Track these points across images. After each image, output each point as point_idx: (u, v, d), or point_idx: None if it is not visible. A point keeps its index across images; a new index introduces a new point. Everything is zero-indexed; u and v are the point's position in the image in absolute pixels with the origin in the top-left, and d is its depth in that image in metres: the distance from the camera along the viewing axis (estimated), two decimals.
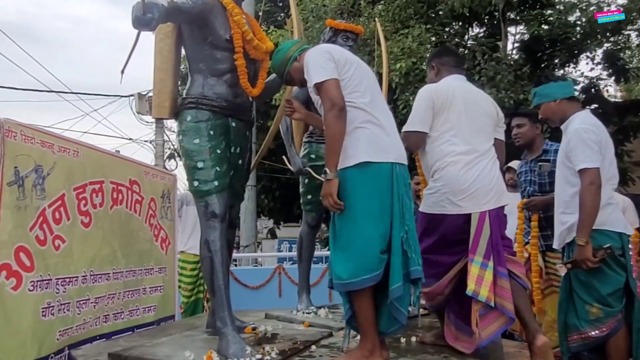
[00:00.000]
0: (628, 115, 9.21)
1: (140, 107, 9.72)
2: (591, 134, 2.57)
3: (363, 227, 2.11)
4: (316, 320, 3.07)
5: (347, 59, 2.26)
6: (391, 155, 2.17)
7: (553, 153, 3.08)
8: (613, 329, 2.53)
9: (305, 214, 3.52)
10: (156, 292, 3.69)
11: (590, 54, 8.76)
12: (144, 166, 3.80)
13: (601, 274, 2.54)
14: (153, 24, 2.02)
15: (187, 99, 2.55)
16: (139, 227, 3.52)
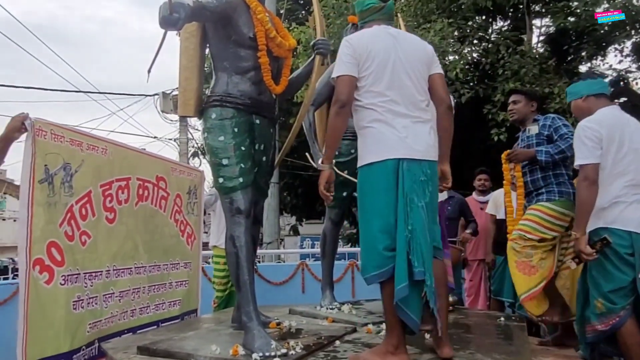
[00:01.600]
0: None
1: (164, 105, 9.86)
2: (587, 131, 2.60)
3: (368, 225, 2.16)
4: (340, 316, 3.08)
5: (370, 53, 2.21)
6: (399, 151, 2.13)
7: (543, 119, 3.25)
8: (614, 325, 2.55)
9: (328, 210, 3.53)
10: (181, 287, 3.75)
11: (618, 46, 8.54)
12: (171, 163, 3.87)
13: (605, 271, 2.58)
14: (180, 23, 2.06)
15: (212, 97, 2.58)
16: (164, 222, 3.59)
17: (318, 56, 2.91)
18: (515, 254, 3.07)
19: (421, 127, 2.21)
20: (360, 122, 2.23)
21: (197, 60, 2.66)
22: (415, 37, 2.43)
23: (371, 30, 2.31)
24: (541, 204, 3.10)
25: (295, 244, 15.01)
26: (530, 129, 3.28)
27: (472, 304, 4.82)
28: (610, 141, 2.60)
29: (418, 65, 2.27)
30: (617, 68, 8.61)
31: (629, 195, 2.59)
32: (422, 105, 2.25)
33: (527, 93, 3.47)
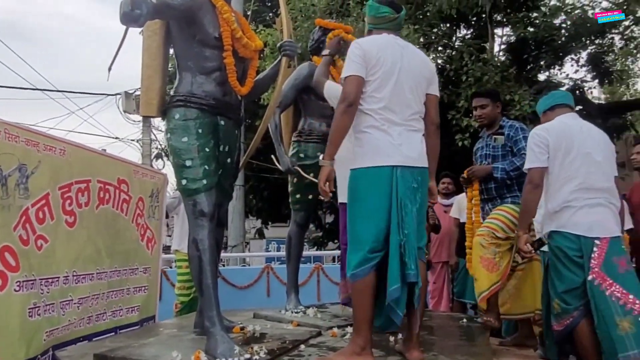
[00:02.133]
0: (611, 117, 9.34)
1: (127, 105, 9.62)
2: (535, 138, 2.77)
3: (355, 226, 2.25)
4: (305, 320, 3.06)
5: (379, 59, 2.27)
6: (393, 158, 2.21)
7: (508, 128, 3.26)
8: (568, 325, 2.64)
9: (294, 213, 3.52)
10: (140, 292, 3.65)
11: (575, 57, 8.87)
12: (133, 165, 3.76)
13: (559, 272, 2.69)
14: (141, 20, 2.00)
15: (176, 97, 2.53)
16: (125, 226, 3.48)
17: (285, 58, 2.89)
18: (481, 248, 3.07)
19: (414, 136, 2.31)
20: (357, 126, 2.30)
21: (160, 59, 2.60)
22: (421, 53, 2.53)
23: (381, 37, 2.37)
24: (508, 205, 3.17)
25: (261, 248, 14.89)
26: (497, 138, 3.29)
27: (435, 306, 4.88)
28: (558, 147, 2.71)
29: (420, 80, 2.36)
30: (574, 77, 8.95)
31: (580, 199, 2.67)
32: (416, 116, 2.35)
33: (492, 95, 3.45)
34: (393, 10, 2.40)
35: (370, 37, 2.41)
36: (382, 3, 2.42)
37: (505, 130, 3.29)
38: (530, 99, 6.80)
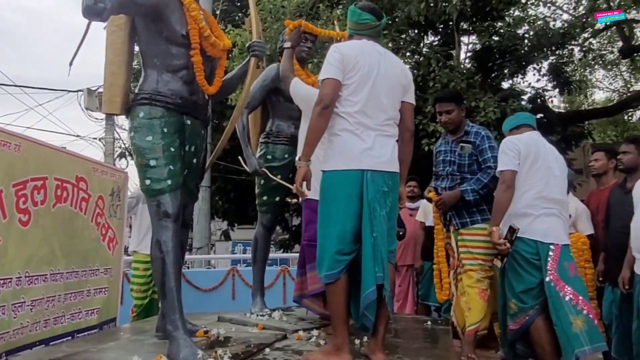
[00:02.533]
0: (570, 125, 9.67)
1: (89, 103, 9.33)
2: (508, 144, 2.93)
3: (325, 228, 2.28)
4: (270, 323, 3.03)
5: (356, 64, 2.30)
6: (364, 162, 2.25)
7: (474, 135, 3.16)
8: (525, 323, 2.81)
9: (260, 215, 3.48)
10: (100, 294, 3.54)
11: (537, 66, 9.14)
12: (92, 162, 3.64)
13: (517, 273, 2.86)
14: (105, 14, 1.94)
15: (140, 95, 2.47)
16: (84, 226, 3.37)
17: (253, 58, 2.87)
18: (477, 282, 3.02)
19: (387, 141, 2.35)
20: (331, 128, 2.33)
21: (125, 55, 2.53)
22: (399, 60, 2.58)
23: (361, 43, 2.40)
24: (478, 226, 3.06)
25: (227, 250, 14.74)
26: (464, 147, 3.20)
27: (400, 309, 4.91)
28: (527, 155, 2.89)
29: (396, 86, 2.41)
30: (535, 86, 9.22)
31: (538, 208, 2.86)
32: (390, 122, 2.39)
33: (456, 98, 3.34)
34: (375, 18, 2.44)
35: (350, 42, 2.45)
36: (364, 10, 2.45)
37: (472, 137, 3.19)
38: (494, 106, 6.95)
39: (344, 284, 2.23)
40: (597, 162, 3.77)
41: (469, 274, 3.03)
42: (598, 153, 3.81)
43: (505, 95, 7.79)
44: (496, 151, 3.03)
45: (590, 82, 12.90)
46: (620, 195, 3.36)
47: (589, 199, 3.95)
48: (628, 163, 3.33)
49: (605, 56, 11.28)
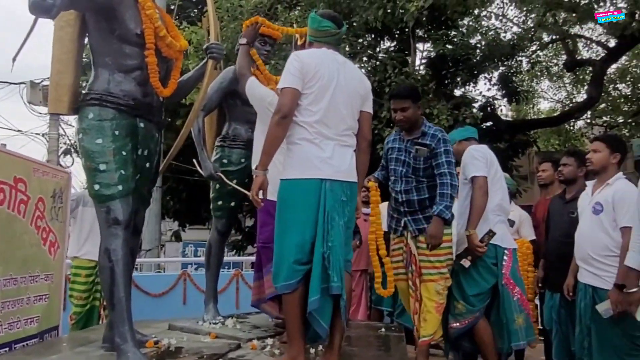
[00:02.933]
0: (518, 134, 10.07)
1: (32, 96, 8.85)
2: (478, 152, 3.14)
3: (282, 237, 2.26)
4: (223, 331, 2.96)
5: (316, 73, 2.28)
6: (323, 171, 2.24)
7: (430, 138, 3.08)
8: (470, 323, 3.08)
9: (215, 220, 3.40)
10: (40, 302, 3.34)
11: (488, 75, 9.46)
12: (33, 162, 3.44)
13: (471, 278, 3.07)
14: (54, 11, 1.83)
15: (90, 95, 2.35)
16: (23, 230, 3.17)
17: (211, 60, 2.79)
18: (436, 295, 3.05)
19: (346, 150, 2.35)
20: (290, 137, 2.31)
21: (74, 53, 2.40)
22: (358, 70, 2.59)
23: (320, 52, 2.39)
24: None
25: (177, 251, 14.37)
26: (420, 150, 3.15)
27: (353, 314, 4.94)
28: (491, 165, 3.14)
29: (355, 96, 2.41)
30: (486, 95, 9.53)
31: (495, 215, 3.13)
32: (349, 132, 2.39)
33: (413, 95, 3.20)
34: (335, 25, 2.44)
35: (310, 50, 2.43)
36: (324, 17, 2.45)
37: (428, 139, 3.11)
38: (447, 113, 7.13)
39: (300, 294, 2.21)
40: (545, 173, 3.94)
41: (428, 285, 3.07)
42: (545, 164, 3.98)
43: (457, 103, 8.00)
44: (451, 155, 3.05)
45: (536, 92, 13.47)
46: (560, 205, 3.54)
47: (536, 207, 4.12)
48: (568, 175, 3.51)
49: (550, 68, 11.82)
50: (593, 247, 2.82)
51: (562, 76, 12.38)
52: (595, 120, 12.02)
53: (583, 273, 2.90)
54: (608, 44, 9.85)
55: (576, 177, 3.47)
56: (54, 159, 9.04)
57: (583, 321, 2.85)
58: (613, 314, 2.60)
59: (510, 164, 9.48)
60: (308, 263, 2.21)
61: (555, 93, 13.76)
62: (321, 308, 2.18)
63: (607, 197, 2.79)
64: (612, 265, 2.71)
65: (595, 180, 2.97)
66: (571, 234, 3.18)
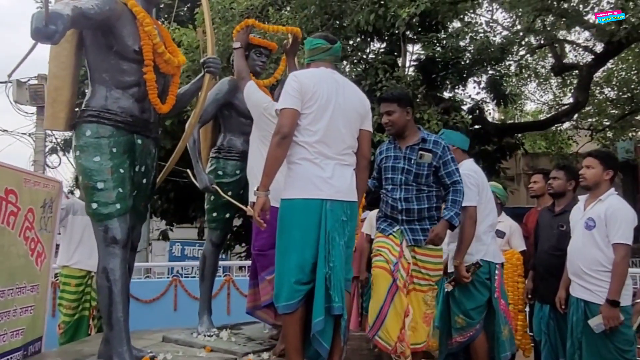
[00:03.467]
0: (505, 136, 10.17)
1: (19, 95, 8.68)
2: (471, 178, 3.12)
3: (283, 257, 2.29)
4: (218, 345, 2.96)
5: (314, 94, 2.31)
6: (324, 192, 2.27)
7: (433, 144, 2.97)
8: (472, 336, 3.13)
9: (209, 231, 3.39)
10: (26, 313, 3.29)
11: (477, 79, 9.53)
12: (24, 173, 3.38)
13: (468, 292, 3.13)
14: (56, 37, 1.80)
15: (87, 112, 2.33)
16: (11, 241, 3.11)
17: (208, 75, 2.78)
18: (424, 305, 2.98)
19: (346, 170, 2.37)
20: (290, 157, 2.33)
21: (71, 69, 2.38)
22: (357, 89, 2.58)
23: (318, 71, 2.40)
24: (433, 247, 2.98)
25: (164, 249, 14.29)
26: (424, 155, 3.00)
27: None
28: (482, 188, 3.18)
29: (354, 115, 2.42)
30: (475, 98, 9.60)
31: (488, 235, 3.23)
32: (349, 151, 2.41)
33: (400, 99, 3.05)
34: (326, 41, 2.48)
35: (308, 70, 2.45)
36: (316, 37, 2.52)
37: (430, 145, 3.00)
38: (437, 118, 7.17)
39: (301, 314, 2.24)
40: (536, 185, 3.99)
41: (417, 294, 3.01)
42: (537, 176, 4.03)
43: (447, 107, 8.05)
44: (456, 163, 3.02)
45: (523, 94, 13.60)
46: (549, 217, 3.59)
47: (528, 217, 4.17)
48: (557, 188, 3.56)
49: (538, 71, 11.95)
50: (585, 261, 2.87)
51: (548, 78, 12.50)
52: (582, 123, 12.17)
53: (575, 287, 2.95)
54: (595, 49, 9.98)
55: (565, 190, 3.52)
56: (40, 159, 8.91)
57: (574, 335, 2.90)
58: (605, 328, 2.66)
59: (498, 166, 9.59)
60: (309, 283, 2.23)
61: (542, 95, 13.91)
62: (323, 328, 2.20)
63: (599, 213, 2.84)
64: (604, 280, 2.77)
65: (588, 196, 3.02)
66: (560, 246, 3.28)
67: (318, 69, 2.42)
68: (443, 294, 3.38)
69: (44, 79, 8.66)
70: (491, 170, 9.03)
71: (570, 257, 3.01)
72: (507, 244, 4.01)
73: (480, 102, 9.70)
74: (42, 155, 9.16)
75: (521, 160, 13.14)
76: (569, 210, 3.37)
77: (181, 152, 2.77)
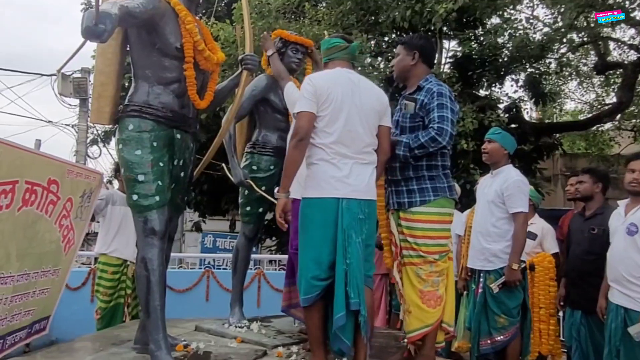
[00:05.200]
0: (543, 136, 9.92)
1: (63, 88, 9.01)
2: (524, 186, 3.23)
3: (303, 254, 2.37)
4: (249, 336, 3.02)
5: (329, 96, 2.34)
6: (340, 190, 2.31)
7: (425, 92, 2.61)
8: (513, 335, 3.20)
9: (243, 225, 3.46)
10: (42, 295, 3.43)
11: (515, 77, 9.32)
12: (68, 164, 3.52)
13: (510, 292, 3.20)
14: (105, 36, 1.88)
15: (130, 107, 2.41)
16: (47, 228, 3.23)
17: (245, 72, 2.83)
18: (419, 281, 2.57)
19: (364, 169, 2.39)
20: (309, 158, 2.39)
21: (116, 65, 2.47)
22: (374, 86, 2.58)
23: (333, 72, 2.44)
24: (418, 210, 2.59)
25: (196, 241, 14.58)
26: (407, 104, 2.66)
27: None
28: None
29: (371, 114, 2.44)
30: (513, 97, 9.39)
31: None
32: (368, 149, 2.44)
33: (406, 41, 2.76)
34: (343, 40, 2.54)
35: (323, 72, 2.50)
36: (332, 37, 2.59)
37: (422, 94, 2.61)
38: (472, 116, 7.06)
39: (319, 307, 2.32)
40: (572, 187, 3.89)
41: (408, 269, 2.61)
42: (573, 178, 3.94)
43: (482, 105, 7.92)
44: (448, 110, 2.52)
45: (563, 93, 13.21)
46: (580, 222, 3.57)
47: (564, 220, 4.09)
48: (584, 192, 3.55)
49: (580, 70, 11.58)
50: (626, 268, 2.79)
51: (590, 77, 12.10)
52: (624, 124, 11.74)
53: (615, 294, 2.87)
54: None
55: (593, 193, 3.51)
56: (82, 149, 9.23)
57: (612, 342, 2.83)
58: None
59: (534, 167, 9.37)
60: (327, 279, 2.30)
61: (583, 94, 13.47)
62: (344, 324, 2.24)
63: None
64: None
65: (629, 200, 2.94)
66: (592, 250, 3.31)
67: (333, 70, 2.46)
68: (472, 294, 3.37)
69: (87, 73, 8.98)
70: (527, 171, 8.83)
71: (610, 263, 2.93)
72: (540, 246, 3.95)
73: (518, 100, 9.48)
74: (84, 146, 9.48)
75: (559, 161, 12.76)
76: (600, 213, 3.38)
77: (217, 146, 2.84)
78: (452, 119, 2.53)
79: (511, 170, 3.30)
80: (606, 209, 3.38)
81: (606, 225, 3.11)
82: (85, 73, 8.77)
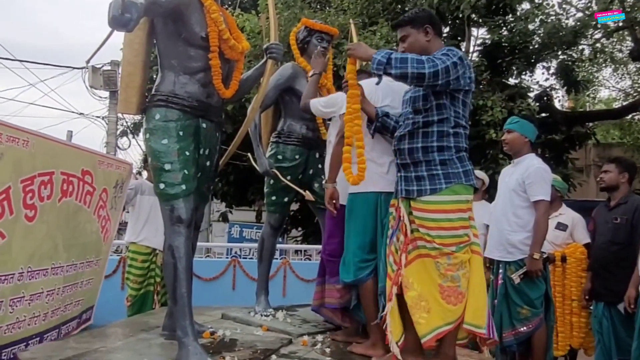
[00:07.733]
0: (575, 125, 9.64)
1: (94, 80, 9.20)
2: (548, 175, 3.21)
3: (349, 240, 2.68)
4: (274, 325, 3.05)
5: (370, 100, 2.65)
6: (379, 185, 2.62)
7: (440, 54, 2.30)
8: (537, 325, 3.16)
9: (268, 215, 3.47)
10: (88, 285, 3.53)
11: (546, 64, 9.06)
12: (98, 155, 3.61)
13: (532, 282, 3.15)
14: (131, 24, 1.90)
15: (157, 96, 2.44)
16: (87, 219, 3.35)
17: (270, 61, 2.82)
18: (438, 275, 2.28)
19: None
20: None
21: (143, 56, 2.49)
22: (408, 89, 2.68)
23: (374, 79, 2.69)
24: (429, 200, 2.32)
25: (223, 230, 14.76)
26: None
27: None
28: None
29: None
30: (544, 85, 9.14)
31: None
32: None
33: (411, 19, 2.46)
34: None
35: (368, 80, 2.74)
36: None
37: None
38: (502, 105, 6.91)
39: (371, 287, 2.58)
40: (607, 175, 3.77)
41: (426, 261, 2.31)
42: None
43: (512, 94, 7.73)
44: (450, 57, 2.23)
45: (597, 80, 12.82)
46: (604, 212, 3.53)
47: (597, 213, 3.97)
48: (609, 182, 3.50)
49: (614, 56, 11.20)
50: None
51: (626, 64, 11.69)
52: None
53: None
54: None
55: (618, 183, 3.46)
56: (112, 140, 9.43)
57: None
58: None
59: (565, 157, 9.12)
60: (372, 260, 2.61)
61: (618, 81, 13.04)
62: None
63: None
64: None
65: None
66: (614, 240, 3.28)
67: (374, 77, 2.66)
68: (492, 285, 3.32)
69: (117, 65, 9.14)
70: (558, 161, 8.61)
71: None
72: (570, 236, 3.86)
73: (549, 88, 9.23)
74: (114, 137, 9.68)
75: (592, 151, 12.43)
76: (623, 202, 3.33)
77: (243, 136, 2.85)
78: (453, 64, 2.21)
79: (533, 159, 3.24)
80: (630, 198, 3.37)
81: (629, 214, 3.12)
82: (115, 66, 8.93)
